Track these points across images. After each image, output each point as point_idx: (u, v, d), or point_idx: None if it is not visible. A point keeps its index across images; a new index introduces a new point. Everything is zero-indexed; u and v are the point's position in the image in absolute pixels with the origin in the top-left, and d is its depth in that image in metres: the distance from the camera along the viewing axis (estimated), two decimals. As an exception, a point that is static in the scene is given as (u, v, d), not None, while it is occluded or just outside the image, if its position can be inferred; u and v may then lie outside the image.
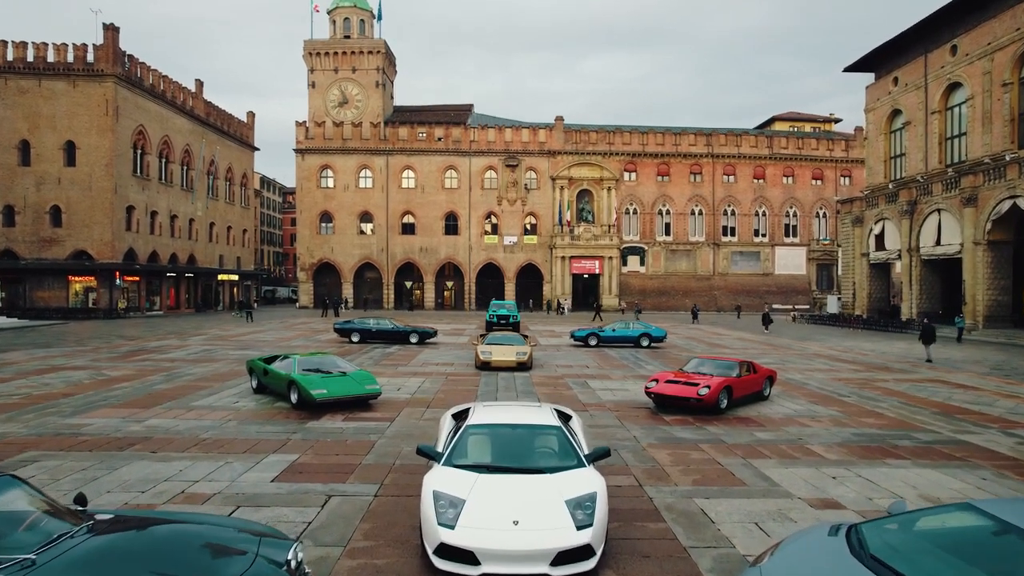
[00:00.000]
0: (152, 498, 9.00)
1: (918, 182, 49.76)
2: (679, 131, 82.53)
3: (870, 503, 9.28)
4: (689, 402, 15.60)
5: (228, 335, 38.24)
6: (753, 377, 17.27)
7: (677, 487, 10.02)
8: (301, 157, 78.76)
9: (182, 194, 66.29)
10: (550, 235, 78.64)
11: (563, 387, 19.91)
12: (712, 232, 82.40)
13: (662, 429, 14.14)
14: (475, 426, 8.45)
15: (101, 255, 54.62)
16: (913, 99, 51.74)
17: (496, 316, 43.08)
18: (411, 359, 26.84)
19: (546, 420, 8.64)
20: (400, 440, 12.74)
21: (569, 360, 27.34)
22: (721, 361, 17.71)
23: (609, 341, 33.74)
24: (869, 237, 56.90)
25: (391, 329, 33.85)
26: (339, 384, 15.67)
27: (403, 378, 21.33)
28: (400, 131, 78.86)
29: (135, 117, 57.16)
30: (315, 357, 17.21)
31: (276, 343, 33.45)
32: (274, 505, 8.85)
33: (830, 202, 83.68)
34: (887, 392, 19.66)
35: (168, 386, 18.82)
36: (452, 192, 78.92)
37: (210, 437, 12.71)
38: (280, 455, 11.45)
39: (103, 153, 53.97)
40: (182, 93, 65.30)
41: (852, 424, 14.88)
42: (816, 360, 28.72)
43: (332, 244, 78.98)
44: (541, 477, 7.47)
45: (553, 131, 79.57)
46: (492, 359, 23.41)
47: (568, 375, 22.68)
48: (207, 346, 31.25)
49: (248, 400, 16.82)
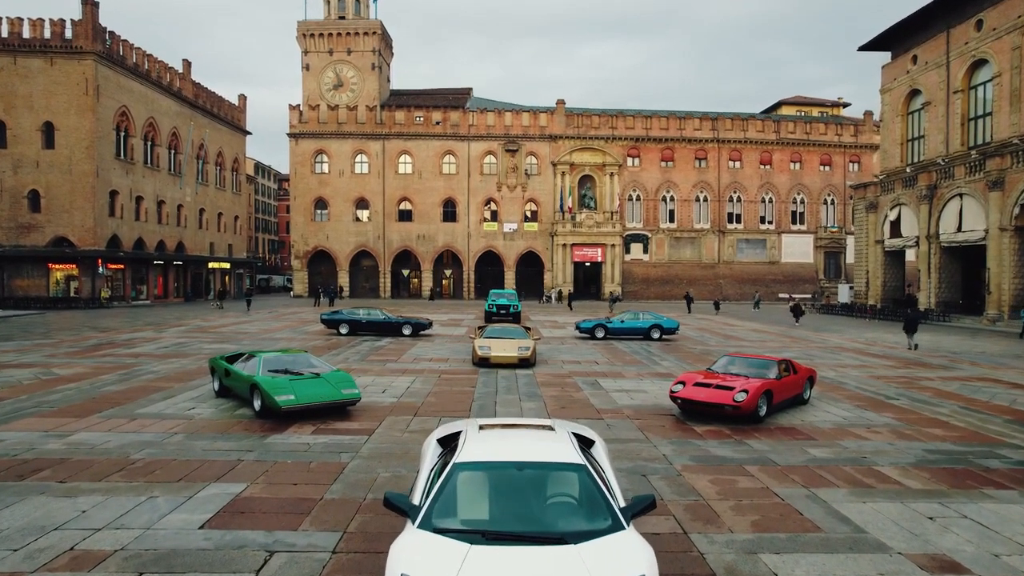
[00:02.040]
0: (22, 561, 6.60)
1: (939, 165, 47.32)
2: (683, 115, 79.91)
3: (998, 563, 6.94)
4: (723, 409, 13.24)
5: (210, 326, 35.84)
6: (793, 379, 14.91)
7: (733, 535, 7.64)
8: (295, 142, 76.31)
9: (170, 179, 63.73)
10: (551, 222, 76.22)
11: (572, 388, 17.54)
12: (717, 219, 79.97)
13: (695, 444, 11.78)
14: (467, 465, 6.01)
15: (83, 242, 52.15)
16: (934, 78, 49.19)
17: (496, 306, 40.81)
18: (402, 354, 24.46)
19: (564, 453, 6.22)
20: (377, 462, 10.37)
21: (576, 355, 24.97)
22: (756, 360, 15.32)
23: (617, 333, 31.32)
24: (884, 223, 54.51)
25: (382, 320, 31.40)
26: (310, 388, 13.26)
27: (391, 377, 18.94)
28: (397, 115, 76.36)
29: (117, 97, 54.54)
30: (285, 355, 14.76)
31: (259, 335, 31.06)
32: (190, 572, 6.49)
33: (838, 188, 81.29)
34: (938, 393, 17.33)
35: (119, 388, 16.42)
36: (450, 178, 76.50)
37: (142, 459, 10.29)
38: (223, 485, 9.07)
39: (83, 135, 51.39)
40: (168, 73, 62.57)
41: (918, 437, 12.53)
42: (842, 354, 26.38)
43: (327, 231, 76.65)
44: (562, 551, 5.08)
45: (554, 115, 77.00)
46: (491, 355, 21.00)
47: (576, 372, 20.30)
48: (183, 339, 28.84)
49: (206, 406, 14.43)
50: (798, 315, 43.84)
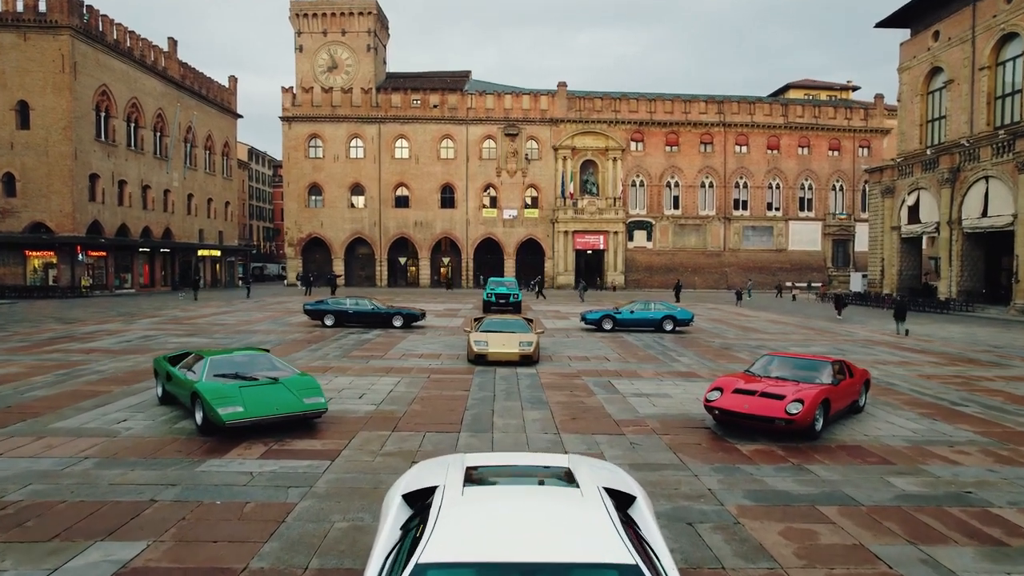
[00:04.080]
0: None
1: (963, 147, 44.72)
2: (689, 98, 77.12)
3: None
4: (774, 424, 10.74)
5: (187, 316, 33.24)
6: (850, 383, 12.38)
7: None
8: (288, 125, 73.69)
9: (155, 163, 60.96)
10: (552, 208, 73.58)
11: (582, 392, 15.02)
12: (723, 206, 77.34)
13: (745, 472, 9.27)
14: (438, 570, 3.56)
15: (61, 228, 49.49)
16: (957, 54, 46.49)
17: (494, 295, 38.33)
18: (390, 348, 21.93)
19: (599, 546, 3.72)
20: (335, 503, 7.84)
21: (583, 349, 22.45)
22: (804, 360, 12.80)
23: (626, 325, 28.75)
24: (901, 209, 51.96)
25: (371, 311, 28.80)
26: (264, 397, 10.73)
27: (373, 377, 16.42)
28: (393, 98, 73.65)
29: (97, 76, 51.70)
30: (238, 356, 12.15)
31: (237, 327, 28.52)
32: None
33: (847, 174, 78.69)
34: (1011, 399, 14.82)
35: (46, 393, 13.85)
36: (448, 163, 73.85)
37: (18, 501, 7.71)
38: (113, 545, 6.55)
39: (60, 115, 48.58)
40: (152, 51, 59.63)
41: (1021, 460, 10.07)
42: (876, 348, 23.91)
43: (321, 218, 74.11)
44: None
45: (556, 98, 74.24)
46: (488, 351, 18.45)
47: (585, 372, 17.77)
48: (152, 331, 26.29)
49: (142, 417, 11.88)
50: (841, 307, 38.62)
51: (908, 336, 28.00)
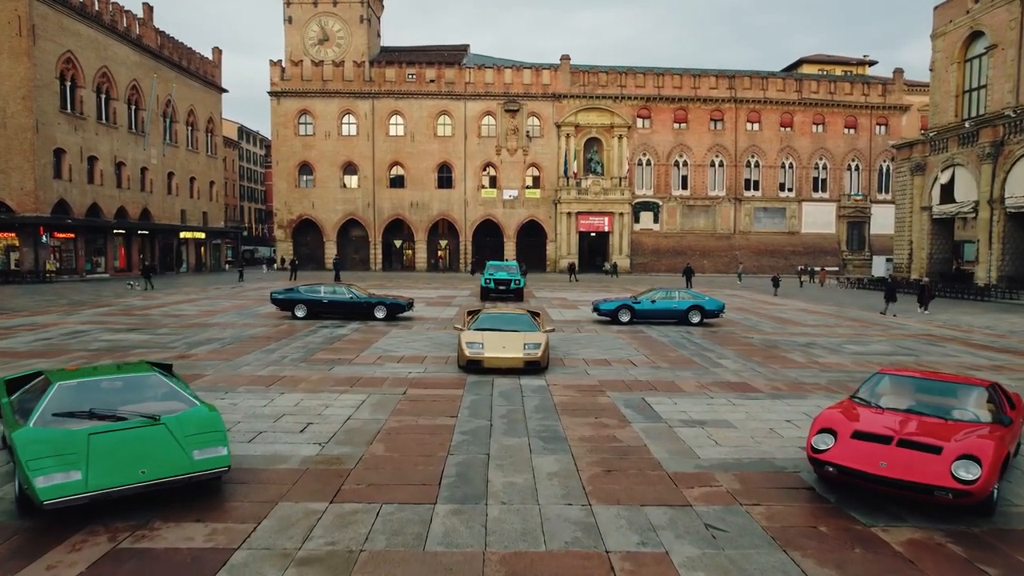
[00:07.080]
0: None
1: (1007, 117, 40.66)
2: (698, 72, 72.87)
3: None
4: (932, 494, 6.83)
5: (143, 306, 29.11)
6: (1016, 419, 8.44)
7: None
8: (276, 101, 69.60)
9: (131, 138, 56.68)
10: (554, 188, 69.55)
11: (612, 417, 11.01)
12: (734, 186, 73.28)
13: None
14: None
15: (22, 207, 45.37)
16: (1002, 16, 42.28)
17: (493, 280, 34.47)
18: (364, 348, 17.94)
19: None
20: None
21: (601, 349, 18.46)
22: (944, 383, 8.76)
23: (646, 316, 24.78)
24: (933, 187, 48.00)
25: (348, 300, 24.75)
26: (125, 452, 6.70)
27: (329, 394, 12.41)
28: (387, 72, 69.45)
29: (60, 41, 47.29)
30: (103, 381, 8.03)
31: (194, 319, 24.49)
32: None
33: (863, 153, 74.64)
34: None
35: None
36: (445, 140, 69.76)
37: None
38: None
39: (18, 82, 44.24)
40: (125, 17, 55.23)
41: None
42: (948, 347, 19.99)
43: (312, 198, 70.20)
44: None
45: (558, 72, 69.95)
46: (484, 356, 14.45)
47: (609, 383, 13.75)
48: (88, 324, 22.23)
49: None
50: (926, 301, 31.35)
51: (896, 318, 27.78)
